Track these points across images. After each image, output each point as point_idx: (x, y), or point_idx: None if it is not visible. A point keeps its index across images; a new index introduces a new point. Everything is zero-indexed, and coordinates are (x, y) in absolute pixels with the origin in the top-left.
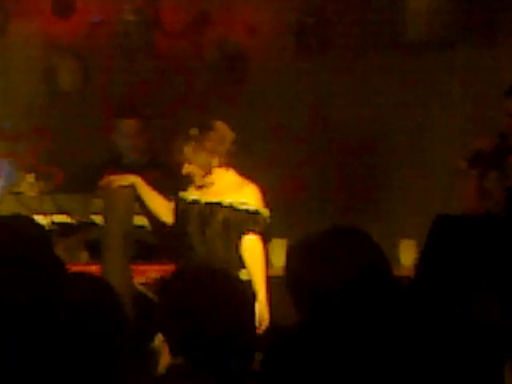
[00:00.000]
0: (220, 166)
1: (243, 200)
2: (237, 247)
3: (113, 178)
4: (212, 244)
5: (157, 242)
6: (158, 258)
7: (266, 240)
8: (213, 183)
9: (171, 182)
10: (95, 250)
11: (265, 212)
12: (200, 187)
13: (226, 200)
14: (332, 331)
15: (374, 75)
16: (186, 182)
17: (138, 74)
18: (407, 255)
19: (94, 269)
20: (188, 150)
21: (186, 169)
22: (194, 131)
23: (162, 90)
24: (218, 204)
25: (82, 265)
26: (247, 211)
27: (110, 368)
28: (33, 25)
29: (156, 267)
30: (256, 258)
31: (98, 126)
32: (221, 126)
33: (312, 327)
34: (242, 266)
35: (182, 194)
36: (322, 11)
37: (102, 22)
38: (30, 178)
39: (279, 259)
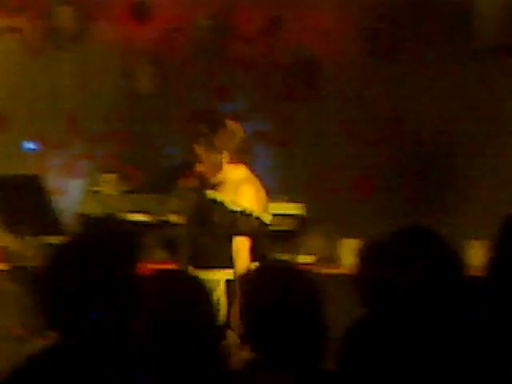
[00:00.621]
0: (230, 162)
1: (233, 199)
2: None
3: (190, 179)
4: (206, 241)
5: None
6: None
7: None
8: (225, 181)
9: None
10: (171, 248)
11: (255, 213)
12: (215, 185)
13: (219, 198)
14: (403, 325)
15: (447, 80)
16: None
17: (213, 77)
18: (476, 256)
19: (168, 267)
20: (199, 149)
21: (198, 168)
22: (203, 129)
23: (237, 93)
24: (213, 201)
25: (158, 263)
26: (234, 211)
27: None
28: (112, 30)
29: None
30: (238, 260)
31: (174, 129)
32: (230, 124)
33: (384, 321)
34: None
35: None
36: (393, 17)
37: (177, 28)
38: (110, 178)
39: (348, 258)
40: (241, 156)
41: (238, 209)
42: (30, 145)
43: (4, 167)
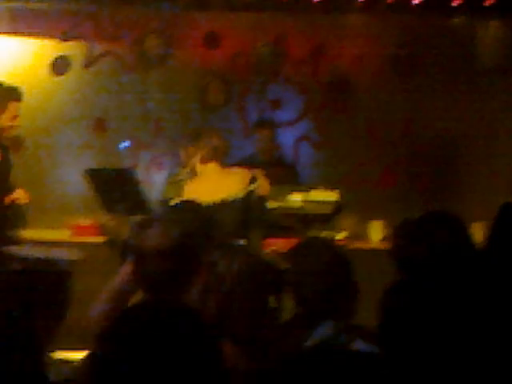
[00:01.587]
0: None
1: None
2: None
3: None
4: None
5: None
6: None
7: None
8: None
9: (290, 176)
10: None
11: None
12: None
13: None
14: (428, 287)
15: (454, 94)
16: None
17: (268, 92)
18: (477, 234)
19: None
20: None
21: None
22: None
23: (287, 105)
24: None
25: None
26: None
27: None
28: (190, 54)
29: (280, 241)
30: None
31: (238, 132)
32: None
33: (413, 285)
34: None
35: None
36: (411, 45)
37: (241, 53)
38: (186, 170)
39: (377, 235)
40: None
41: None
42: (125, 144)
43: (104, 162)
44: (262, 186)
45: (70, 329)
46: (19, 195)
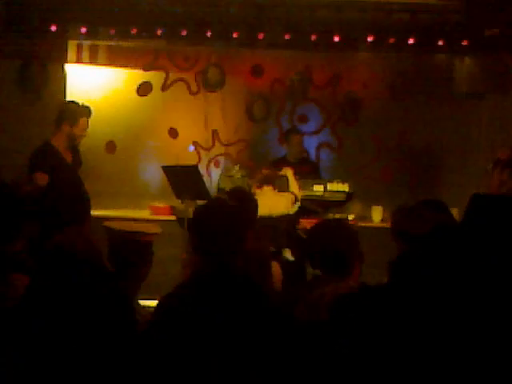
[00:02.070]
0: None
1: None
2: None
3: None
4: None
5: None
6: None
7: None
8: None
9: (313, 172)
10: None
11: None
12: None
13: None
14: (421, 258)
15: (437, 113)
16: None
17: (297, 109)
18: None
19: None
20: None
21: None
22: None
23: (311, 119)
24: None
25: None
26: None
27: None
28: (239, 80)
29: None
30: None
31: (274, 139)
32: None
33: (409, 258)
34: None
35: None
36: (405, 74)
37: (277, 79)
38: (237, 167)
39: (377, 217)
40: None
41: None
42: (191, 147)
43: (176, 160)
44: (292, 183)
45: (150, 283)
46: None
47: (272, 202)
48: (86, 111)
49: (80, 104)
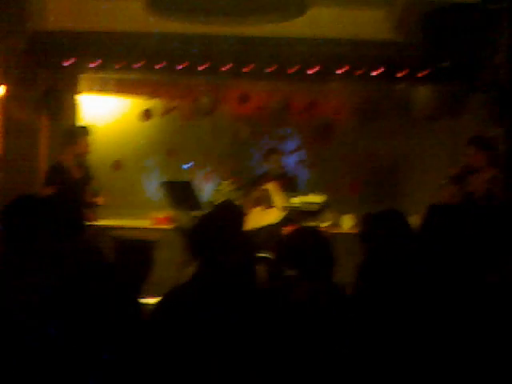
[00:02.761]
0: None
1: None
2: None
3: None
4: None
5: None
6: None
7: None
8: None
9: (291, 186)
10: None
11: None
12: None
13: None
14: (385, 256)
15: (399, 134)
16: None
17: (279, 132)
18: (413, 223)
19: None
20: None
21: None
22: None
23: (290, 139)
24: None
25: None
26: None
27: None
28: (227, 107)
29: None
30: None
31: (258, 157)
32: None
33: (371, 261)
34: None
35: None
36: (371, 101)
37: (261, 105)
38: (227, 182)
39: (347, 224)
40: None
41: None
42: (186, 165)
43: (173, 177)
44: (276, 195)
45: (151, 283)
46: (99, 200)
47: (261, 218)
48: (83, 131)
49: (79, 126)
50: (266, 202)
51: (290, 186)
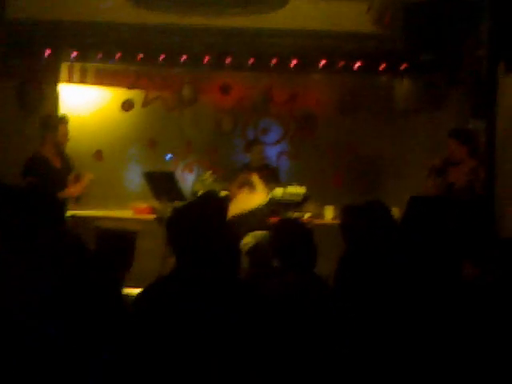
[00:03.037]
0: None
1: None
2: None
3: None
4: None
5: None
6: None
7: None
8: None
9: (273, 177)
10: None
11: None
12: None
13: None
14: (365, 251)
15: (380, 127)
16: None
17: (261, 123)
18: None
19: None
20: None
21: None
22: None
23: (272, 131)
24: None
25: None
26: None
27: None
28: (209, 98)
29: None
30: None
31: (240, 148)
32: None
33: (352, 252)
34: None
35: None
36: (353, 93)
37: (243, 97)
38: (208, 173)
39: (329, 215)
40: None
41: None
42: (168, 156)
43: (155, 167)
44: (259, 185)
45: (132, 273)
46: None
47: (248, 201)
48: (62, 119)
49: (56, 115)
50: (250, 186)
51: (271, 177)
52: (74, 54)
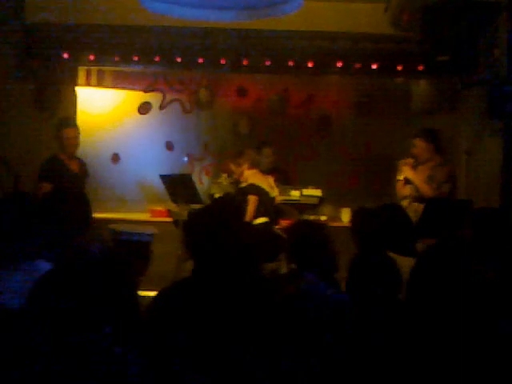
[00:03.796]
0: (248, 169)
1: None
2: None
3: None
4: None
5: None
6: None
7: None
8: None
9: (283, 179)
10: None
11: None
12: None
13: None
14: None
15: (396, 128)
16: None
17: (276, 125)
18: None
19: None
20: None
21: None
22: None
23: (287, 133)
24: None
25: None
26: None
27: None
28: (226, 100)
29: (285, 221)
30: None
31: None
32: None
33: (365, 253)
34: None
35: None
36: (369, 95)
37: (259, 99)
38: (225, 175)
39: (346, 218)
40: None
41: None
42: (185, 158)
43: (172, 170)
44: (274, 187)
45: (148, 276)
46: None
47: (261, 179)
48: (65, 123)
49: (64, 118)
50: (256, 163)
51: (282, 179)
52: (92, 57)
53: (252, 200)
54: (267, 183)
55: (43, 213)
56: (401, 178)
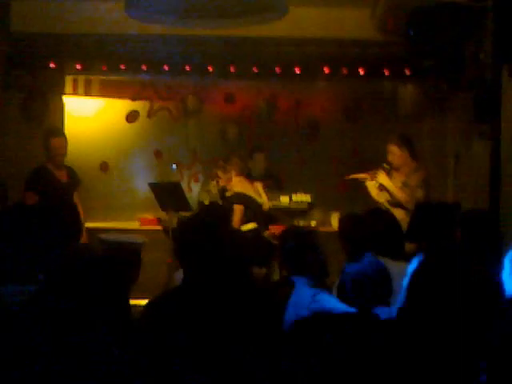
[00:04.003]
0: (235, 176)
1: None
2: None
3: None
4: None
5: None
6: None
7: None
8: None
9: (276, 185)
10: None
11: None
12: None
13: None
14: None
15: (384, 132)
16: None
17: (265, 130)
18: None
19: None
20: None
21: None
22: (221, 164)
23: (276, 139)
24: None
25: None
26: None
27: None
28: (214, 107)
29: (274, 227)
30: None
31: (245, 156)
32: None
33: (354, 256)
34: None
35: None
36: (357, 100)
37: (247, 105)
38: (214, 182)
39: (336, 222)
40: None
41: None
42: (173, 166)
43: (160, 177)
44: (263, 194)
45: (139, 284)
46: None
47: (247, 187)
48: (52, 132)
49: (51, 127)
50: (243, 170)
51: (274, 186)
52: (79, 66)
53: (237, 209)
54: (254, 190)
55: (26, 224)
56: (374, 183)
